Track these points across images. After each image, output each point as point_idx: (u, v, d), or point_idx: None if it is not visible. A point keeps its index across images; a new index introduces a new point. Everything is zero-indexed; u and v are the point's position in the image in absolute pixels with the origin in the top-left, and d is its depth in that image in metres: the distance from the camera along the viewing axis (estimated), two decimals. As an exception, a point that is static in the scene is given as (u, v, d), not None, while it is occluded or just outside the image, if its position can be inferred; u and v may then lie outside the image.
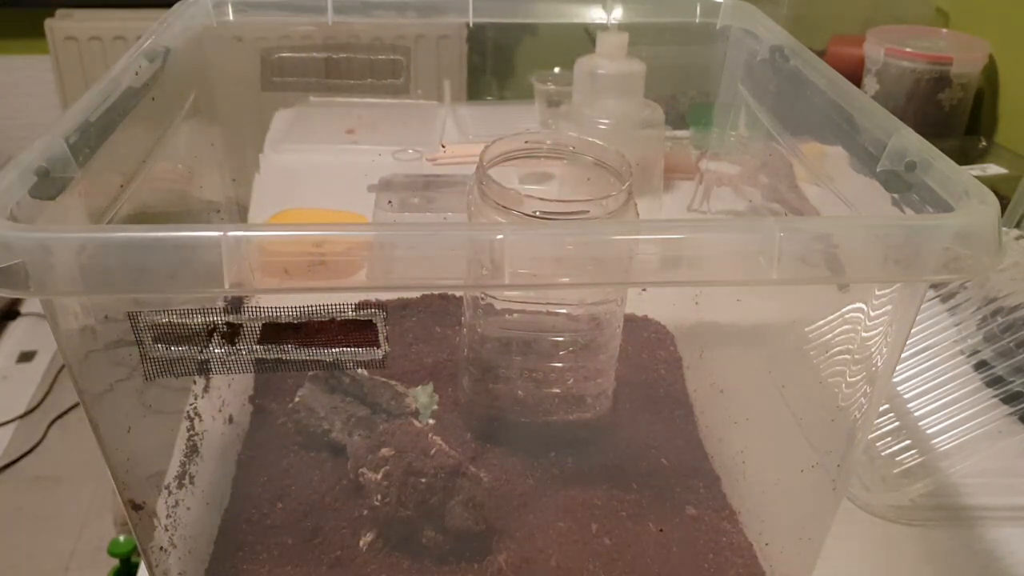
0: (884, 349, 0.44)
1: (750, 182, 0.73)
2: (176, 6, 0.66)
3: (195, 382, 0.60)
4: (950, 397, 0.66)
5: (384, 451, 0.55)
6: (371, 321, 0.42)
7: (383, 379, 0.63)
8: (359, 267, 0.37)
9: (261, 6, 0.72)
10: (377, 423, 0.60)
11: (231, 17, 0.70)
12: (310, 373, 0.63)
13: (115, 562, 1.30)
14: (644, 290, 0.70)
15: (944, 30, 1.18)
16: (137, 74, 0.53)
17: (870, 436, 0.65)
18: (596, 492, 0.59)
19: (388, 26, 0.68)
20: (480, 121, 1.18)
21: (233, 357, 0.43)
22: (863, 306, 0.45)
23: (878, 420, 0.66)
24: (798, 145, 0.58)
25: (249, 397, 0.67)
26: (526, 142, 0.59)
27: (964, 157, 1.04)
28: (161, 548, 0.50)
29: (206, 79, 0.67)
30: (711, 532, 0.57)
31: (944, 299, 0.73)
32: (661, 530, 0.57)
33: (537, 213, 0.52)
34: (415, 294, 0.76)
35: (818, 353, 0.53)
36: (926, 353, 0.69)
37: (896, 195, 0.44)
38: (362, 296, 0.41)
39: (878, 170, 0.45)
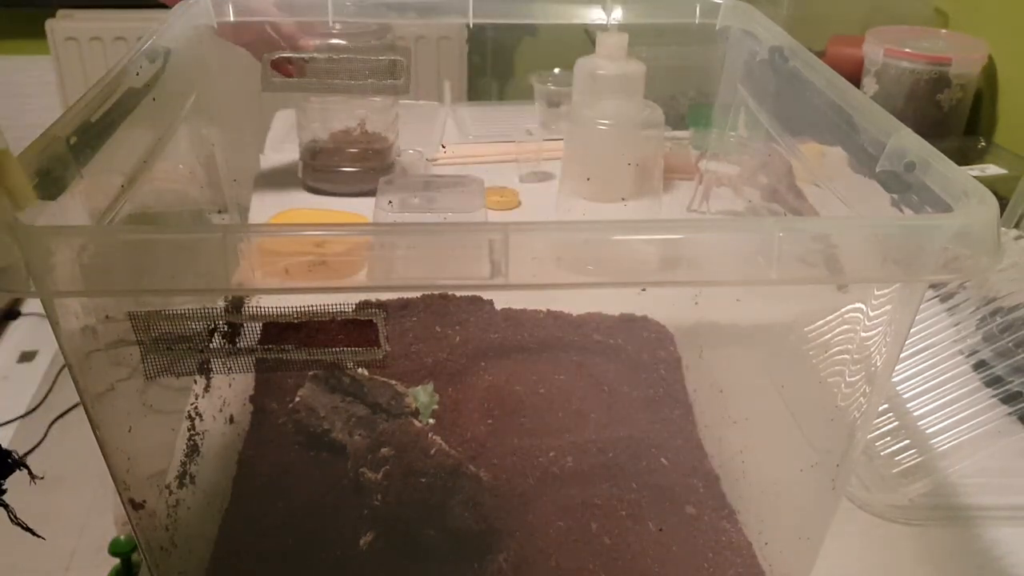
0: (883, 349, 0.44)
1: (749, 182, 0.73)
2: (177, 7, 0.66)
3: (196, 382, 0.60)
4: (949, 397, 0.66)
5: (384, 451, 0.55)
6: (371, 321, 0.42)
7: (383, 379, 0.63)
8: (359, 267, 0.37)
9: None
10: (377, 423, 0.60)
11: (231, 17, 0.70)
12: (310, 373, 0.63)
13: (116, 561, 1.29)
14: (644, 290, 0.70)
15: (943, 30, 1.18)
16: (138, 74, 0.53)
17: (869, 436, 0.65)
18: (596, 492, 0.59)
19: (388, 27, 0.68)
20: (480, 122, 1.18)
21: (234, 357, 0.44)
22: (862, 306, 0.45)
23: (877, 420, 0.66)
24: (797, 145, 0.58)
25: (250, 397, 0.67)
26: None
27: (963, 157, 1.04)
28: (162, 547, 0.50)
29: (207, 79, 0.68)
30: (710, 531, 0.57)
31: (943, 299, 0.73)
32: (661, 529, 0.57)
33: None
34: (415, 294, 0.76)
35: (817, 353, 0.53)
36: (925, 353, 0.69)
37: (895, 195, 0.44)
38: (362, 296, 0.41)
39: (877, 170, 0.45)
